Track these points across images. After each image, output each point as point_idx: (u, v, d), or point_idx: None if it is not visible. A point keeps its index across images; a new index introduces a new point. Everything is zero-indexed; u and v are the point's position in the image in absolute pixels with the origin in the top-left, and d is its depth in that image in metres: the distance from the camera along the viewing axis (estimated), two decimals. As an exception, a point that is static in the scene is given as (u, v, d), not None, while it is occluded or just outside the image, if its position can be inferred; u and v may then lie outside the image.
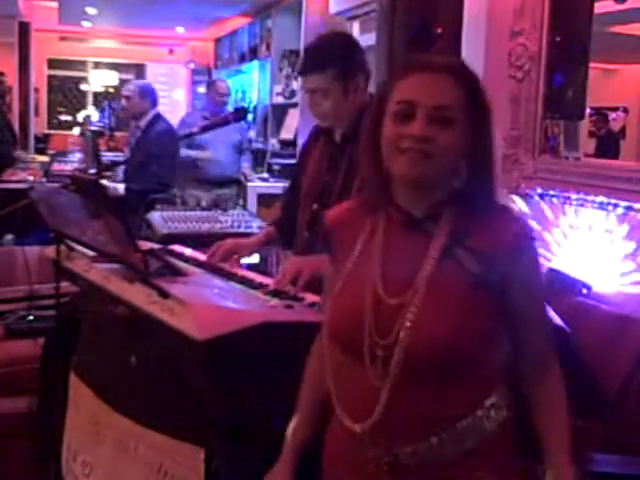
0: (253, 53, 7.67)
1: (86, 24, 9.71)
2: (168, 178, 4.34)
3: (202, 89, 9.68)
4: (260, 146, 7.10)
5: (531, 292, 1.29)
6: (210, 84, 5.65)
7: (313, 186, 2.16)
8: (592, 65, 2.77)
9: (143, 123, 4.53)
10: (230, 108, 5.43)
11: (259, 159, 6.83)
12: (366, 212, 1.35)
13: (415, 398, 1.24)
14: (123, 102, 4.71)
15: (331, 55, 2.07)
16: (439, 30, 2.83)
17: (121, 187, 4.28)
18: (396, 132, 1.24)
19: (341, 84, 2.06)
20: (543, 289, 1.38)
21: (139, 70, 11.24)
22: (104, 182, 3.20)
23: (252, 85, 7.91)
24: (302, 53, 2.25)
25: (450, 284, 1.23)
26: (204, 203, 4.83)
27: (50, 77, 11.31)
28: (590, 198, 2.58)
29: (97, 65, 11.32)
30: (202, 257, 2.18)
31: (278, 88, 6.82)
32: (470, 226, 1.25)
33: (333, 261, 1.39)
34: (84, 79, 11.69)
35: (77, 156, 7.64)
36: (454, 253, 1.23)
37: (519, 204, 2.91)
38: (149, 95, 4.56)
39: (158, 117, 4.57)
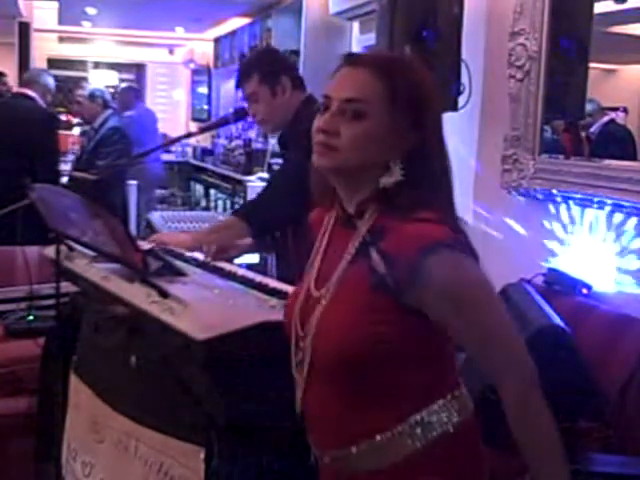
0: (253, 53, 7.67)
1: (86, 24, 9.69)
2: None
3: (202, 89, 9.69)
4: (260, 146, 7.09)
5: (453, 313, 1.16)
6: None
7: None
8: (592, 65, 2.77)
9: (96, 124, 4.77)
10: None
11: (259, 159, 6.83)
12: (326, 210, 1.37)
13: (328, 401, 1.24)
14: (75, 107, 4.95)
15: (254, 63, 2.40)
16: (439, 30, 2.82)
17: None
18: (315, 126, 1.24)
19: (267, 86, 2.32)
20: (482, 309, 1.18)
21: (139, 70, 11.23)
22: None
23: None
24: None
25: (356, 283, 1.21)
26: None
27: (50, 77, 11.30)
28: (590, 198, 2.58)
29: (97, 65, 11.30)
30: (202, 257, 2.18)
31: (278, 88, 6.81)
32: (388, 226, 1.20)
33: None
34: (84, 79, 11.69)
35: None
36: (368, 252, 1.21)
37: (518, 204, 2.91)
38: (99, 97, 4.80)
39: (110, 117, 4.80)
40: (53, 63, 9.89)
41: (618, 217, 2.50)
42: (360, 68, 1.22)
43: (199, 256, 2.15)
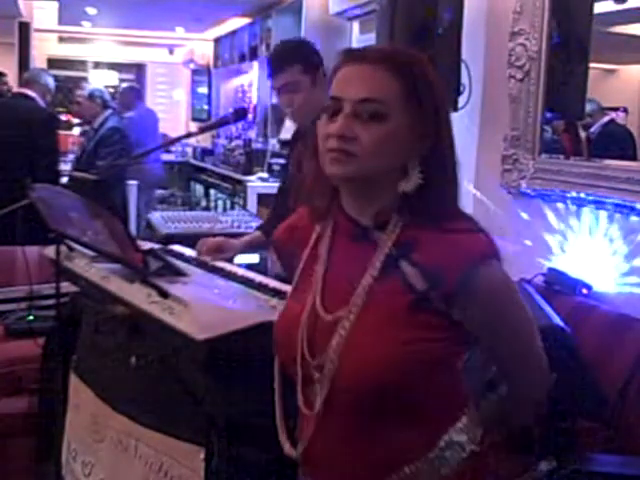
0: (253, 53, 7.66)
1: (86, 24, 9.70)
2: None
3: (202, 89, 9.69)
4: (260, 146, 7.10)
5: (497, 327, 1.14)
6: None
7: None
8: (592, 65, 2.77)
9: (96, 124, 4.75)
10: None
11: (259, 159, 6.83)
12: (312, 220, 1.23)
13: (347, 436, 1.10)
14: (75, 107, 4.95)
15: (296, 52, 2.33)
16: (439, 30, 2.82)
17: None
18: (325, 131, 1.12)
19: (309, 76, 2.28)
20: (516, 320, 1.18)
21: (139, 70, 11.23)
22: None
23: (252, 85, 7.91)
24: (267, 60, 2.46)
25: (390, 301, 1.09)
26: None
27: (50, 77, 11.30)
28: (590, 198, 2.58)
29: (97, 65, 11.30)
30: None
31: (278, 88, 6.81)
32: (419, 237, 1.10)
33: (290, 274, 1.28)
34: (84, 79, 11.69)
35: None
36: (398, 266, 1.10)
37: (518, 204, 2.91)
38: (98, 98, 4.78)
39: (110, 117, 4.78)
40: (53, 63, 9.89)
41: (618, 217, 2.50)
42: (370, 65, 1.11)
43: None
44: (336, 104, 1.11)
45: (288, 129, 6.67)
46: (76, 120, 6.55)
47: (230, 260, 2.31)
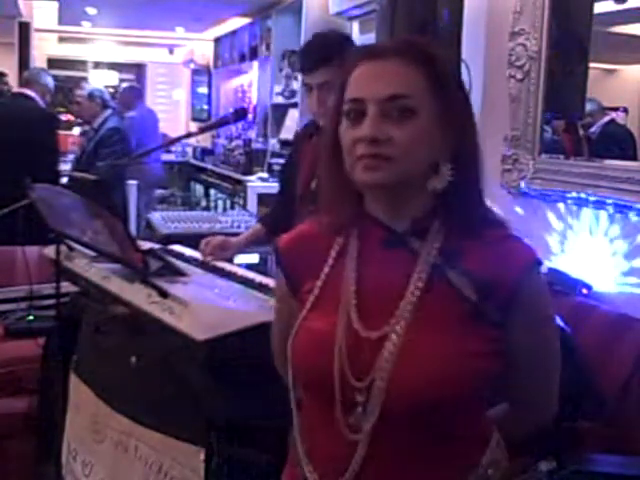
0: (253, 53, 7.67)
1: (86, 24, 9.69)
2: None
3: (202, 89, 9.69)
4: (260, 146, 7.10)
5: (535, 332, 1.09)
6: None
7: (308, 187, 2.12)
8: (592, 65, 2.77)
9: (96, 125, 4.74)
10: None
11: (259, 159, 6.83)
12: (333, 230, 1.12)
13: (401, 456, 1.03)
14: (74, 107, 4.95)
15: (335, 47, 2.09)
16: (439, 30, 2.82)
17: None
18: (351, 136, 1.03)
19: None
20: (552, 328, 1.16)
21: (139, 70, 11.23)
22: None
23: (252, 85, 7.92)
24: (301, 52, 2.27)
25: (441, 313, 1.03)
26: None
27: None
28: (590, 198, 2.58)
29: (97, 65, 11.30)
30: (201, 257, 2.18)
31: (278, 88, 6.82)
32: (463, 245, 1.05)
33: (290, 289, 1.16)
34: (84, 79, 11.69)
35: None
36: (446, 276, 1.03)
37: (518, 204, 2.91)
38: (98, 97, 4.77)
39: (110, 117, 4.77)
40: (53, 63, 9.88)
41: (618, 217, 2.49)
42: (389, 59, 1.03)
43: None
44: (358, 106, 1.03)
45: (288, 129, 6.68)
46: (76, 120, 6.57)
47: (230, 260, 2.31)
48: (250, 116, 7.32)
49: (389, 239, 1.07)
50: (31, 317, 2.78)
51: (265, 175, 6.23)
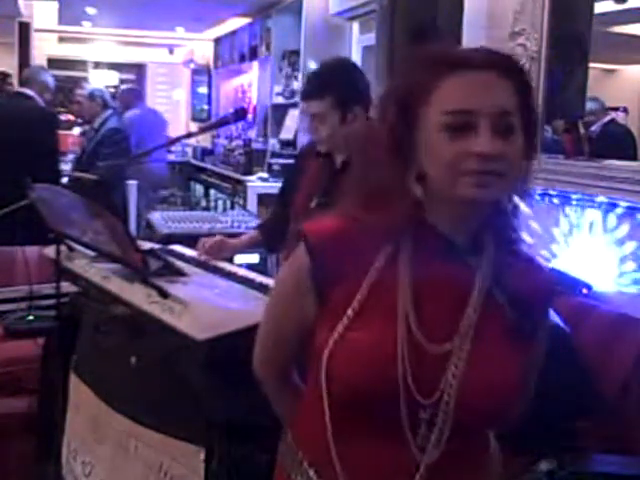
0: (253, 53, 7.67)
1: (86, 24, 9.70)
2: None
3: (202, 89, 9.69)
4: (260, 146, 7.10)
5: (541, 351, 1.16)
6: None
7: (307, 205, 2.13)
8: (592, 65, 2.77)
9: (97, 125, 4.76)
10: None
11: (259, 159, 6.83)
12: (383, 233, 1.05)
13: (455, 467, 1.05)
14: (75, 107, 4.95)
15: (331, 82, 2.10)
16: (439, 30, 2.82)
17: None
18: (455, 151, 0.98)
19: (339, 112, 2.07)
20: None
21: (139, 70, 11.23)
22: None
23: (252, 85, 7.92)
24: (305, 78, 2.27)
25: (493, 331, 1.05)
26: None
27: (50, 77, 11.30)
28: (590, 198, 2.58)
29: (97, 65, 11.30)
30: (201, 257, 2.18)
31: (278, 88, 6.82)
32: (509, 266, 1.07)
33: (316, 290, 1.08)
34: (84, 79, 11.69)
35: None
36: (494, 294, 1.05)
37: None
38: (98, 97, 4.79)
39: (110, 117, 4.78)
40: (53, 63, 9.87)
41: (618, 217, 2.50)
42: (487, 71, 0.99)
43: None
44: (465, 118, 0.97)
45: (288, 129, 6.69)
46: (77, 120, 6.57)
47: (230, 260, 2.31)
48: (250, 116, 7.32)
49: (448, 251, 1.05)
50: (31, 317, 2.78)
51: (265, 175, 6.23)
